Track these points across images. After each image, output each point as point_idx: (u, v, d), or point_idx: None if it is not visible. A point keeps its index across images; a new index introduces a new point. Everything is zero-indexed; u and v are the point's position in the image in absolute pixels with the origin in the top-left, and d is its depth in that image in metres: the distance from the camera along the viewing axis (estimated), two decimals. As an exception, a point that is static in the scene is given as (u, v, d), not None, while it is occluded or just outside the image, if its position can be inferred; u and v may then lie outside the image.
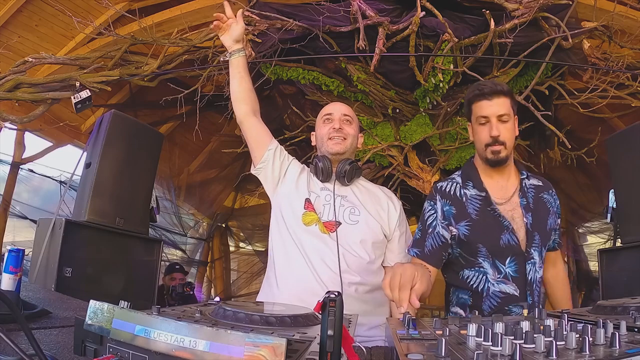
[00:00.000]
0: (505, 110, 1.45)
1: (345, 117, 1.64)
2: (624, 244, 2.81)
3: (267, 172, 1.62)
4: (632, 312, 0.97)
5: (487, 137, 1.45)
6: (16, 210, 4.61)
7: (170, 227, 6.17)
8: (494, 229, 1.44)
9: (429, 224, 1.51)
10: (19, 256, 1.09)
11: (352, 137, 1.63)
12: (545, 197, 1.55)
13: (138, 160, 3.09)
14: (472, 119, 1.52)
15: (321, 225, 1.51)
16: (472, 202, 1.49)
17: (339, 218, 1.53)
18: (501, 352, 0.62)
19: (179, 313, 0.73)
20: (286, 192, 1.60)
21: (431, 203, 1.53)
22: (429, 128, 4.17)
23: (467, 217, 1.47)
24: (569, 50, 3.47)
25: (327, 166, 1.58)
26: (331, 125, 1.62)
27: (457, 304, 1.55)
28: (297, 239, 1.52)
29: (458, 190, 1.52)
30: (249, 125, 1.62)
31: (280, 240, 1.57)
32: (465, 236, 1.46)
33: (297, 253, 1.51)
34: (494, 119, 1.43)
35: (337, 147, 1.59)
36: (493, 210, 1.46)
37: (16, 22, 3.85)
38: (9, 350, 0.56)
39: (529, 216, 1.46)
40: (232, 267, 7.71)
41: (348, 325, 0.80)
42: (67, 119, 4.38)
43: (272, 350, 0.47)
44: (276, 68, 4.05)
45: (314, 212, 1.52)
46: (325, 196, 1.57)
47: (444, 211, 1.49)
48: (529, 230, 1.45)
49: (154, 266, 3.17)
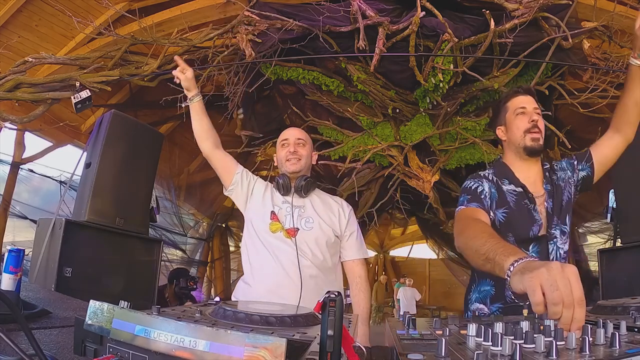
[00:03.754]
0: (538, 107, 1.59)
1: (299, 140, 1.93)
2: (624, 244, 2.81)
3: (237, 192, 1.94)
4: (632, 312, 0.97)
5: (526, 124, 1.55)
6: (16, 210, 4.61)
7: (170, 227, 6.17)
8: (526, 222, 1.51)
9: (479, 191, 1.53)
10: (19, 256, 1.09)
11: (305, 157, 1.92)
12: (554, 177, 1.61)
13: (138, 160, 3.09)
14: (506, 117, 1.61)
15: (285, 232, 1.82)
16: (510, 195, 1.55)
17: (297, 225, 1.84)
18: (501, 352, 0.62)
19: (179, 313, 0.73)
20: (255, 207, 1.91)
21: (476, 181, 1.57)
22: (429, 128, 4.17)
23: (506, 205, 1.53)
24: (569, 50, 3.47)
25: (287, 183, 1.88)
26: (287, 149, 1.91)
27: (477, 300, 1.57)
28: (267, 243, 1.81)
29: (496, 180, 1.58)
30: (216, 158, 1.93)
31: (252, 246, 1.86)
32: (500, 223, 1.51)
33: (268, 255, 1.80)
34: (530, 109, 1.56)
35: (293, 167, 1.88)
36: (528, 203, 1.52)
37: (16, 22, 3.85)
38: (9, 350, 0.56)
39: (550, 201, 1.54)
40: (232, 267, 7.71)
41: (348, 325, 0.80)
42: (67, 119, 4.38)
43: (272, 350, 0.47)
44: (276, 68, 4.05)
45: (278, 222, 1.83)
46: (286, 208, 1.87)
47: (491, 192, 1.54)
48: (549, 213, 1.52)
49: (154, 266, 3.17)
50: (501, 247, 1.03)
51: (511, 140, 1.60)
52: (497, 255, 1.01)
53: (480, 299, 1.56)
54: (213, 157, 1.93)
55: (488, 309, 1.52)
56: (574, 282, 0.77)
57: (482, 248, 1.08)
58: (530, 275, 0.81)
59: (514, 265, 0.91)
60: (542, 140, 1.56)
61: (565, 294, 0.76)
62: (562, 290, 0.76)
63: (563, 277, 0.77)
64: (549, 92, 3.92)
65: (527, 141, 1.54)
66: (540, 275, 0.79)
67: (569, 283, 0.77)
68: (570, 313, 0.75)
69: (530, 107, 1.57)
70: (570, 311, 0.75)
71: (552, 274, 0.78)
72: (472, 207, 1.47)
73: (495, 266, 1.00)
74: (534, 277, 0.80)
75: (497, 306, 1.51)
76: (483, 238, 1.13)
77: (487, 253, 1.05)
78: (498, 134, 1.66)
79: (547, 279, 0.78)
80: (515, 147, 1.58)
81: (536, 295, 0.78)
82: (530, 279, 0.80)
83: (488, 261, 1.04)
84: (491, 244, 1.07)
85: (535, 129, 1.53)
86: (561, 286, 0.76)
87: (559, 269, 0.79)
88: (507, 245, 1.05)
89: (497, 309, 1.50)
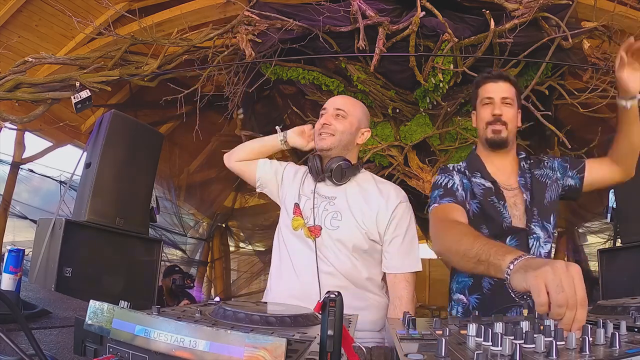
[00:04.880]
0: (509, 95, 1.50)
1: (338, 111, 1.53)
2: (624, 244, 2.81)
3: (267, 185, 1.67)
4: (632, 312, 0.97)
5: (488, 116, 1.49)
6: (16, 210, 4.61)
7: (170, 227, 6.17)
8: (498, 215, 1.47)
9: (450, 186, 1.47)
10: (19, 256, 1.09)
11: (340, 133, 1.51)
12: (537, 172, 1.54)
13: (138, 160, 3.09)
14: (476, 103, 1.56)
15: (306, 230, 1.50)
16: (477, 187, 1.51)
17: (321, 223, 1.49)
18: (501, 352, 0.62)
19: (179, 313, 0.73)
20: (284, 195, 1.63)
21: (446, 175, 1.51)
22: (429, 128, 4.17)
23: (477, 198, 1.49)
24: (569, 50, 3.47)
25: (316, 165, 1.52)
26: (321, 120, 1.54)
27: (457, 290, 1.54)
28: (287, 242, 1.54)
29: (468, 173, 1.54)
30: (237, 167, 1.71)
31: (277, 244, 1.61)
32: (474, 214, 1.48)
33: (287, 257, 1.53)
34: (497, 100, 1.49)
35: (322, 143, 1.50)
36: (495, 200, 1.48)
37: (16, 22, 3.85)
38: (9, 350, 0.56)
39: (528, 194, 1.49)
40: (232, 267, 7.71)
41: (348, 325, 0.80)
42: (67, 119, 4.38)
43: (272, 350, 0.47)
44: (276, 68, 4.04)
45: (301, 217, 1.51)
46: (315, 199, 1.52)
47: (463, 183, 1.50)
48: (527, 207, 1.47)
49: (154, 266, 3.17)
50: (493, 247, 1.01)
51: (478, 128, 1.55)
52: (490, 256, 0.99)
53: (459, 290, 1.54)
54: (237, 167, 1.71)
55: (467, 299, 1.50)
56: (577, 283, 0.76)
57: (471, 251, 1.06)
58: (535, 274, 0.79)
59: (514, 264, 0.89)
60: (506, 133, 1.48)
61: (570, 295, 0.75)
62: (567, 292, 0.75)
63: (568, 277, 0.76)
64: (549, 92, 3.92)
65: (487, 133, 1.49)
66: (545, 275, 0.77)
67: (573, 283, 0.76)
68: (573, 314, 0.74)
69: (497, 97, 1.48)
70: (573, 312, 0.74)
71: (557, 274, 0.76)
72: (446, 204, 1.42)
73: (489, 267, 0.99)
74: (538, 276, 0.78)
75: (475, 297, 1.48)
76: (469, 240, 1.10)
77: (478, 255, 1.03)
78: (472, 120, 1.61)
79: (552, 279, 0.76)
80: (480, 137, 1.54)
81: (542, 296, 0.76)
82: (534, 277, 0.79)
83: (480, 263, 1.02)
84: (480, 245, 1.04)
85: (496, 123, 1.46)
86: (566, 287, 0.75)
87: (563, 269, 0.77)
88: (498, 245, 1.04)
89: (476, 300, 1.48)
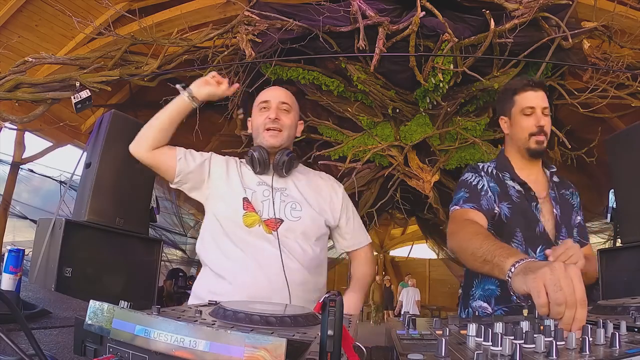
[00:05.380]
0: (547, 105, 1.52)
1: (283, 105, 1.51)
2: (624, 244, 2.81)
3: (189, 179, 1.49)
4: (632, 312, 0.97)
5: (532, 127, 1.48)
6: (16, 210, 4.62)
7: (170, 227, 6.18)
8: (532, 217, 1.46)
9: (480, 187, 1.46)
10: (19, 256, 1.09)
11: (288, 127, 1.50)
12: (567, 193, 1.58)
13: (138, 160, 3.09)
14: (512, 110, 1.54)
15: (264, 226, 1.40)
16: (512, 189, 1.50)
17: (281, 215, 1.42)
18: (501, 352, 0.62)
19: (179, 313, 0.73)
20: (219, 194, 1.48)
21: (475, 175, 1.50)
22: (429, 128, 4.17)
23: (509, 199, 1.47)
24: (569, 50, 3.47)
25: (264, 157, 1.45)
26: (267, 115, 1.49)
27: (481, 298, 1.49)
28: (241, 242, 1.39)
29: (496, 174, 1.53)
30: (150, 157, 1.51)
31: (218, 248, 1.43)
32: (506, 217, 1.46)
33: (244, 259, 1.38)
34: (539, 110, 1.49)
35: (273, 140, 1.47)
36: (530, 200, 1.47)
37: (16, 22, 3.85)
38: (9, 350, 0.56)
39: (558, 208, 1.49)
40: (232, 267, 7.71)
41: (348, 325, 0.80)
42: (67, 119, 4.39)
43: (272, 350, 0.47)
44: (276, 68, 4.05)
45: (255, 212, 1.41)
46: (263, 191, 1.45)
47: (490, 187, 1.48)
48: (557, 222, 1.47)
49: (154, 266, 3.17)
50: (499, 248, 1.02)
51: (514, 138, 1.54)
52: (495, 257, 1.00)
53: (484, 297, 1.50)
54: (150, 157, 1.51)
55: (492, 309, 1.46)
56: (576, 283, 0.77)
57: (479, 250, 1.07)
58: (534, 276, 0.80)
59: (515, 267, 0.90)
60: (547, 142, 1.51)
61: (568, 294, 0.76)
62: (565, 291, 0.76)
63: (566, 277, 0.77)
64: (549, 92, 3.91)
65: (531, 144, 1.49)
66: (543, 276, 0.79)
67: (572, 283, 0.77)
68: (572, 313, 0.75)
69: (539, 108, 1.48)
70: (573, 311, 0.75)
71: (555, 274, 0.78)
72: (467, 209, 1.41)
73: (494, 268, 1.00)
74: (537, 278, 0.79)
75: (502, 308, 1.44)
76: (479, 240, 1.11)
77: (485, 255, 1.04)
78: (501, 124, 1.59)
79: (550, 279, 0.78)
80: (518, 146, 1.53)
81: (541, 297, 0.78)
82: (534, 280, 0.80)
83: (486, 263, 1.03)
84: (488, 246, 1.05)
85: (540, 134, 1.47)
86: (564, 286, 0.76)
87: (562, 269, 0.79)
88: (504, 247, 1.04)
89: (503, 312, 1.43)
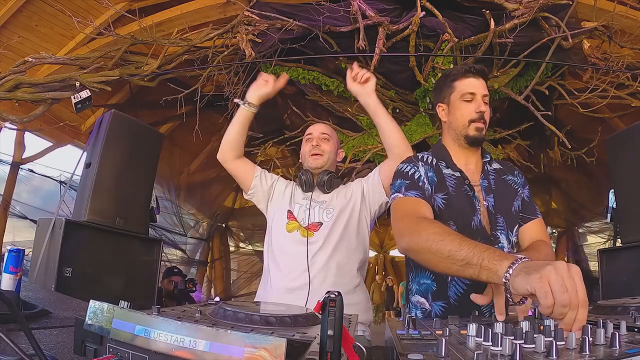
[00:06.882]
0: (487, 93, 1.46)
1: (323, 135, 1.89)
2: (624, 244, 2.81)
3: (259, 195, 1.89)
4: (632, 312, 0.97)
5: (472, 113, 1.43)
6: (16, 210, 4.61)
7: (170, 227, 6.18)
8: (467, 209, 1.40)
9: (416, 177, 1.39)
10: (19, 256, 1.09)
11: (328, 153, 1.86)
12: (509, 178, 1.50)
13: (138, 160, 3.09)
14: (451, 97, 1.48)
15: (302, 230, 1.75)
16: (449, 179, 1.44)
17: (318, 219, 1.76)
18: (501, 352, 0.62)
19: (179, 313, 0.73)
20: (275, 208, 1.86)
21: (412, 165, 1.44)
22: (429, 128, 4.17)
23: (445, 190, 1.41)
24: (569, 50, 3.47)
25: (309, 178, 1.83)
26: (311, 144, 1.87)
27: (418, 292, 1.45)
28: (280, 245, 1.77)
29: (435, 163, 1.47)
30: (233, 166, 1.87)
31: (270, 249, 1.82)
32: (440, 210, 1.40)
33: (284, 258, 1.75)
34: (479, 96, 1.44)
35: (315, 162, 1.83)
36: (467, 189, 1.41)
37: (16, 22, 3.85)
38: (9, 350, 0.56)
39: (490, 198, 1.43)
40: (232, 267, 7.71)
41: (348, 325, 0.80)
42: (67, 119, 4.39)
43: (272, 350, 0.47)
44: (276, 68, 4.05)
45: (295, 221, 1.78)
46: (306, 204, 1.81)
47: (428, 177, 1.42)
48: (490, 212, 1.41)
49: (154, 266, 3.17)
50: (485, 251, 0.98)
51: (452, 125, 1.48)
52: (484, 260, 0.96)
53: (420, 292, 1.45)
54: (231, 165, 1.86)
55: (429, 305, 1.41)
56: (578, 283, 0.77)
57: (459, 253, 1.02)
58: (539, 276, 0.78)
59: (512, 268, 0.88)
60: (486, 130, 1.45)
61: (573, 295, 0.75)
62: (569, 292, 0.75)
63: (570, 278, 0.77)
64: (549, 92, 3.92)
65: (470, 130, 1.43)
66: (549, 275, 0.77)
67: (575, 283, 0.76)
68: (574, 314, 0.75)
69: (479, 94, 1.43)
70: (575, 312, 0.75)
71: (560, 274, 0.77)
72: (411, 197, 1.35)
73: (482, 271, 0.96)
74: (543, 277, 0.78)
75: (439, 304, 1.39)
76: (455, 242, 1.05)
77: (468, 258, 0.99)
78: (438, 111, 1.53)
79: (556, 278, 0.77)
80: (456, 133, 1.47)
81: (548, 298, 0.76)
82: (539, 279, 0.78)
83: (469, 266, 0.99)
84: (470, 248, 1.01)
85: (481, 121, 1.43)
86: (569, 287, 0.76)
87: (565, 269, 0.78)
88: (491, 249, 1.00)
89: (440, 308, 1.39)
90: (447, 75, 1.52)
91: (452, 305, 1.37)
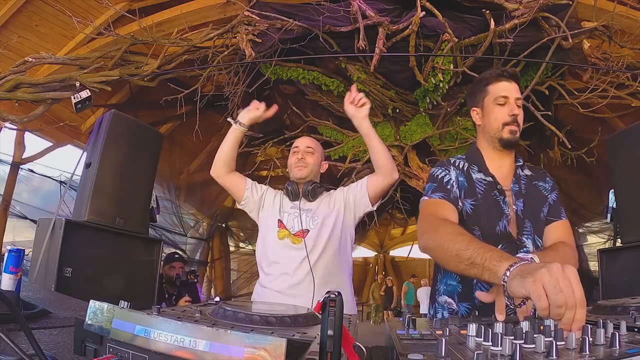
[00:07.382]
0: (520, 96, 1.49)
1: (308, 148, 2.05)
2: (624, 244, 2.81)
3: (250, 205, 2.04)
4: (632, 312, 0.97)
5: (505, 116, 1.46)
6: (16, 210, 4.61)
7: (170, 227, 6.17)
8: (493, 215, 1.42)
9: (446, 181, 1.45)
10: (19, 256, 1.09)
11: (312, 165, 2.02)
12: (540, 184, 1.52)
13: (138, 160, 3.09)
14: (485, 101, 1.51)
15: (292, 237, 1.91)
16: (478, 184, 1.47)
17: (305, 226, 1.92)
18: (501, 352, 0.62)
19: (179, 313, 0.73)
20: (265, 216, 2.02)
21: (444, 169, 1.48)
22: (429, 128, 4.18)
23: (475, 197, 1.44)
24: (569, 50, 3.47)
25: (295, 188, 1.99)
26: (296, 156, 2.04)
27: (445, 293, 1.49)
28: (273, 251, 1.93)
29: (466, 168, 1.50)
30: (226, 181, 2.01)
31: (264, 254, 1.97)
32: (467, 215, 1.43)
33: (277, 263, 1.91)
34: (512, 100, 1.47)
35: (299, 173, 1.99)
36: (497, 194, 1.43)
37: (16, 22, 3.85)
38: (9, 350, 0.56)
39: (520, 202, 1.45)
40: (232, 267, 7.71)
41: (348, 325, 0.80)
42: (67, 119, 4.38)
43: (271, 350, 0.47)
44: (276, 68, 4.05)
45: (285, 229, 1.94)
46: (294, 212, 1.97)
47: (459, 181, 1.45)
48: (519, 217, 1.43)
49: (154, 266, 3.17)
50: (489, 251, 1.00)
51: (486, 129, 1.51)
52: (486, 260, 0.98)
53: (448, 292, 1.49)
54: (223, 179, 2.01)
55: (456, 305, 1.45)
56: (574, 283, 0.77)
57: (465, 252, 1.05)
58: (533, 279, 0.79)
59: (510, 270, 0.89)
60: (519, 132, 1.47)
61: (568, 295, 0.76)
62: (565, 292, 0.76)
63: (564, 278, 0.77)
64: (549, 92, 3.92)
65: (504, 133, 1.46)
66: (542, 278, 0.78)
67: (570, 284, 0.77)
68: (572, 314, 0.75)
69: (512, 97, 1.46)
70: (572, 312, 0.75)
71: (554, 276, 0.78)
72: (436, 199, 1.39)
73: (484, 271, 0.98)
74: (536, 280, 0.79)
75: (465, 305, 1.43)
76: (464, 242, 1.08)
77: (473, 258, 1.02)
78: (472, 115, 1.56)
79: (549, 280, 0.77)
80: (491, 136, 1.50)
81: (542, 301, 0.77)
82: (533, 283, 0.79)
83: (473, 266, 1.01)
84: (475, 248, 1.03)
85: (513, 124, 1.45)
86: (564, 287, 0.76)
87: (560, 270, 0.78)
88: (494, 250, 1.02)
89: (466, 309, 1.42)
90: (481, 80, 1.55)
91: (477, 306, 1.37)
